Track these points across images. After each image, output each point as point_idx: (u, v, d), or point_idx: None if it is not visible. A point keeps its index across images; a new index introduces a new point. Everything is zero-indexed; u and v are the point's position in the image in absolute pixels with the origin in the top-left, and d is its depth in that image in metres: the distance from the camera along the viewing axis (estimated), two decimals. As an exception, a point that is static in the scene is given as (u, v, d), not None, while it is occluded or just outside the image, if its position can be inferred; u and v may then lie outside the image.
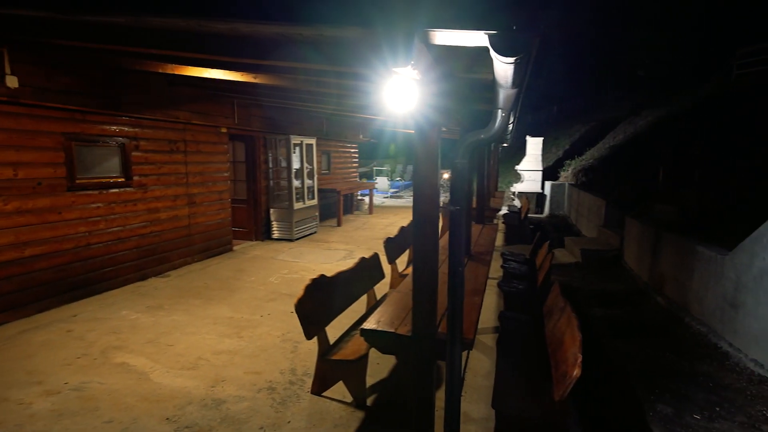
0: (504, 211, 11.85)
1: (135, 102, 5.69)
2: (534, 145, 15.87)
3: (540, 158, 15.88)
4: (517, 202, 14.89)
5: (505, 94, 2.21)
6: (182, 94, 6.49)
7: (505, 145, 13.81)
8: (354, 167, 14.84)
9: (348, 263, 4.08)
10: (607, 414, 3.43)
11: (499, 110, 2.28)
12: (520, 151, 16.63)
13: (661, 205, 7.50)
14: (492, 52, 1.56)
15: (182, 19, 1.88)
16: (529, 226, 11.58)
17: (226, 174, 7.90)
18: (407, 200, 18.02)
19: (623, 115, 17.68)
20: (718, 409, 3.42)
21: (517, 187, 15.99)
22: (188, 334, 4.43)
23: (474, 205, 6.93)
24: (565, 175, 15.52)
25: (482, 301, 3.38)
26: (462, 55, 2.03)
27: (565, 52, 27.92)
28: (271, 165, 9.35)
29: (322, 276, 3.44)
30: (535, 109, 27.65)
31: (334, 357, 3.17)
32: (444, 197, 16.55)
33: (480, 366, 3.95)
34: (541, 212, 15.08)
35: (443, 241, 5.09)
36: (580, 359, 2.43)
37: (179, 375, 3.63)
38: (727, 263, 4.49)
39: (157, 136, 6.36)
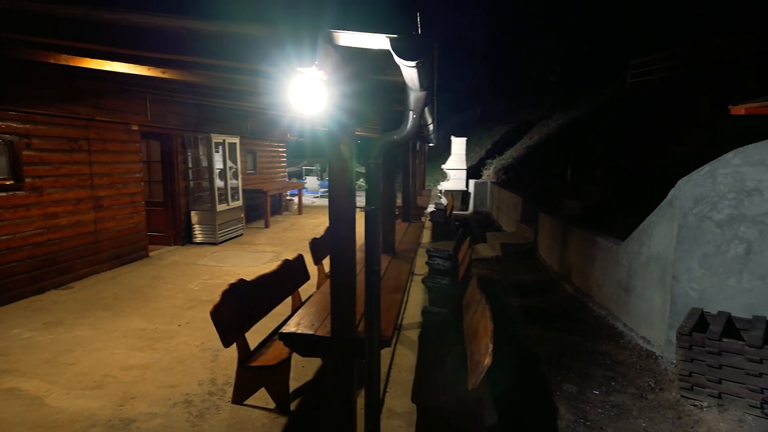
0: (431, 208, 12.23)
1: (25, 95, 5.10)
2: (458, 144, 16.53)
3: (464, 157, 16.58)
4: (443, 200, 15.43)
5: (415, 96, 2.27)
6: (85, 88, 5.92)
7: (431, 144, 14.24)
8: (282, 167, 14.49)
9: (274, 266, 3.97)
10: (520, 397, 3.68)
11: (411, 112, 2.34)
12: (446, 151, 17.26)
13: (568, 201, 8.18)
14: (394, 56, 1.60)
15: (63, 6, 1.71)
16: (455, 223, 12.05)
17: (138, 175, 7.33)
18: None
19: (538, 117, 18.99)
20: (613, 383, 3.81)
21: (444, 186, 16.58)
22: (93, 351, 4.06)
23: (399, 203, 7.07)
24: (488, 174, 16.37)
25: (404, 298, 3.46)
26: (372, 56, 2.06)
27: (487, 56, 29.44)
28: (190, 165, 8.84)
29: (241, 280, 3.32)
30: (460, 110, 28.81)
31: (255, 363, 3.08)
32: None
33: (405, 361, 4.04)
34: (467, 209, 15.77)
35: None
36: (491, 348, 2.57)
37: (81, 396, 3.31)
38: (621, 252, 5.00)
39: (54, 134, 5.74)
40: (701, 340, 3.26)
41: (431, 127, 5.55)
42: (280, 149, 14.23)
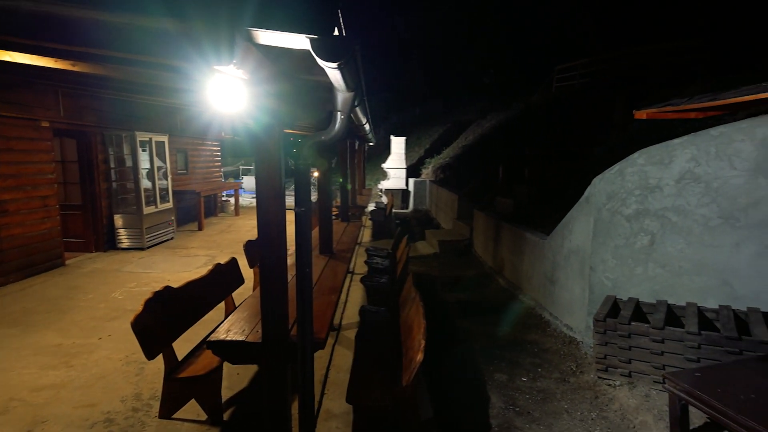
0: (371, 207, 12.31)
1: None
2: (398, 144, 16.76)
3: (404, 156, 16.85)
4: (384, 199, 15.59)
5: (342, 97, 2.27)
6: (-19, 80, 5.31)
7: (371, 144, 14.32)
8: (216, 166, 13.88)
9: (205, 271, 3.79)
10: (455, 388, 3.81)
11: (339, 112, 2.34)
12: (387, 150, 17.44)
13: (501, 199, 8.58)
14: (315, 57, 1.59)
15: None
16: (395, 222, 12.22)
17: (51, 176, 6.70)
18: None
19: (474, 117, 19.73)
20: (540, 369, 4.05)
21: (384, 185, 16.74)
22: (-4, 372, 3.66)
23: (338, 203, 7.03)
24: (426, 173, 16.75)
25: (339, 298, 3.45)
26: (299, 56, 2.02)
27: (424, 58, 30.08)
28: (113, 165, 8.21)
29: (167, 287, 3.15)
30: (400, 109, 29.24)
31: (183, 374, 2.93)
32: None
33: (344, 362, 4.03)
34: (407, 207, 16.03)
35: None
36: (423, 345, 2.64)
37: (-20, 424, 2.98)
38: (546, 246, 5.33)
39: (-57, 131, 5.09)
40: (613, 325, 3.56)
41: (367, 127, 5.58)
42: (215, 148, 13.63)
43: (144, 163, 8.43)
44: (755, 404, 2.39)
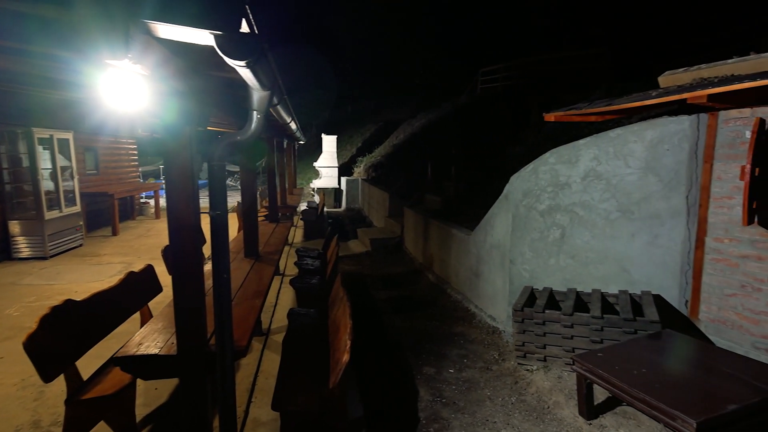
0: (303, 207, 12.10)
1: None
2: (329, 142, 16.63)
3: (335, 155, 16.75)
4: (316, 198, 15.40)
5: (258, 96, 2.20)
6: None
7: (301, 142, 14.06)
8: (132, 166, 12.88)
9: (116, 280, 3.49)
10: (385, 386, 3.86)
11: (255, 112, 2.26)
12: (319, 149, 17.22)
13: (430, 196, 8.83)
14: (220, 54, 1.52)
15: None
16: (328, 221, 12.12)
17: (-77, 178, 5.81)
18: (203, 200, 16.64)
19: (405, 117, 20.09)
20: (465, 360, 4.23)
21: (316, 184, 16.54)
22: None
23: (266, 204, 6.83)
24: (358, 171, 16.79)
25: (264, 302, 3.35)
26: (210, 51, 1.92)
27: (355, 56, 30.09)
28: (5, 165, 7.31)
29: (68, 301, 2.86)
30: (332, 107, 29.02)
31: (88, 395, 2.68)
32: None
33: (273, 367, 3.92)
34: (340, 206, 15.97)
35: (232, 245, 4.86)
36: (349, 345, 2.64)
37: None
38: (471, 241, 5.56)
39: None
40: (530, 314, 3.81)
41: (293, 125, 5.46)
42: (130, 146, 12.63)
43: (45, 163, 7.60)
44: (645, 377, 2.68)
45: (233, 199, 11.32)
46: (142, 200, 12.82)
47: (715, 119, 3.60)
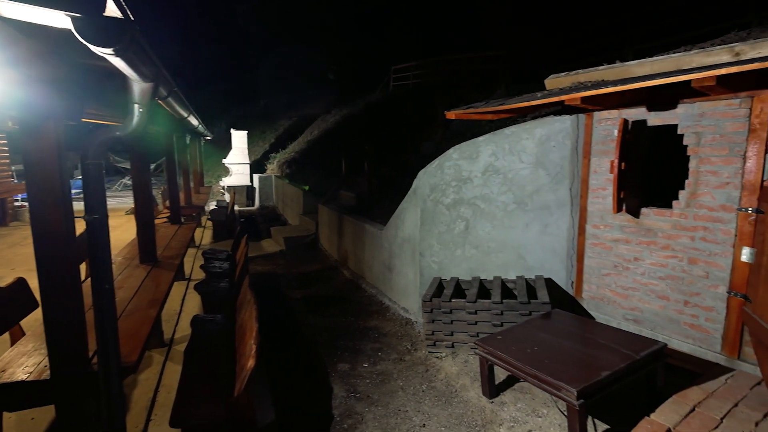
0: (212, 207, 11.43)
1: None
2: (239, 138, 15.88)
3: (246, 151, 16.05)
4: (227, 197, 14.64)
5: (139, 87, 2.01)
6: None
7: (208, 138, 13.23)
8: (3, 164, 11.14)
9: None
10: (299, 386, 3.79)
11: (136, 105, 2.06)
12: (229, 145, 16.34)
13: (344, 192, 8.82)
14: (80, 39, 1.35)
15: None
16: (240, 220, 11.59)
17: None
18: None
19: (319, 112, 19.82)
20: (380, 353, 4.30)
21: (226, 181, 15.72)
22: None
23: (166, 204, 6.33)
24: (272, 168, 16.26)
25: (160, 311, 3.10)
26: (71, 35, 1.70)
27: (267, 49, 28.98)
28: None
29: None
30: (243, 102, 27.72)
31: (-63, 436, 2.27)
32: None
33: (176, 380, 3.65)
34: (253, 205, 15.36)
35: (126, 251, 4.43)
36: (254, 350, 2.54)
37: None
38: (383, 236, 5.66)
39: None
40: (438, 303, 3.97)
41: (193, 120, 5.11)
42: (-2, 141, 10.90)
43: None
44: (536, 354, 2.93)
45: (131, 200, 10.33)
46: (16, 203, 11.18)
47: (591, 119, 4.03)
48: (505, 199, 4.48)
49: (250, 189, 15.52)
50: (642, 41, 10.35)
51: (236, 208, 14.11)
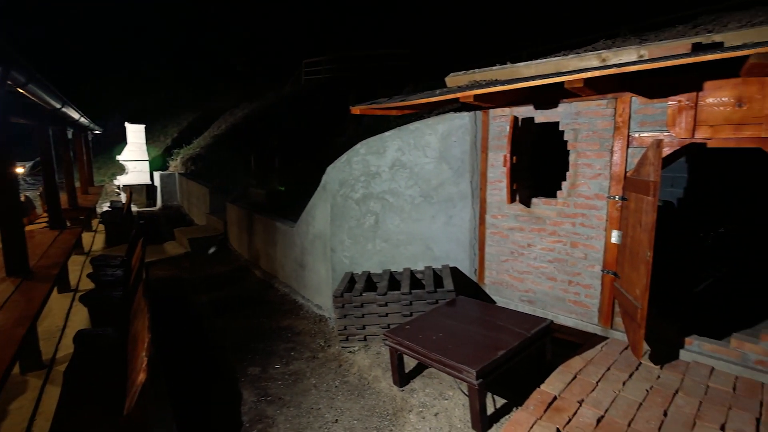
0: (105, 208, 10.31)
1: None
2: (135, 132, 14.52)
3: (145, 147, 14.73)
4: (123, 197, 13.32)
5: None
6: None
7: (97, 132, 11.89)
8: None
9: None
10: (205, 396, 3.58)
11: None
12: (125, 140, 14.82)
13: (254, 189, 8.48)
14: None
15: None
16: (139, 222, 10.62)
17: None
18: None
19: (226, 106, 18.78)
20: (292, 353, 4.22)
21: (122, 180, 14.31)
22: None
23: (44, 208, 5.58)
24: (175, 165, 15.11)
25: (29, 329, 2.73)
26: None
27: (168, 38, 26.74)
28: None
29: None
30: (141, 93, 25.35)
31: None
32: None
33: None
34: (154, 204, 14.16)
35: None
36: (145, 363, 2.34)
37: None
38: (295, 233, 5.55)
39: None
40: (349, 298, 3.99)
41: (72, 113, 4.55)
42: None
43: None
44: (441, 341, 3.07)
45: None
46: None
47: (487, 116, 4.30)
48: (412, 192, 4.62)
49: (150, 187, 14.28)
50: (538, 43, 11.30)
51: (134, 208, 12.91)
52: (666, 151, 3.16)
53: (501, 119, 4.16)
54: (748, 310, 3.70)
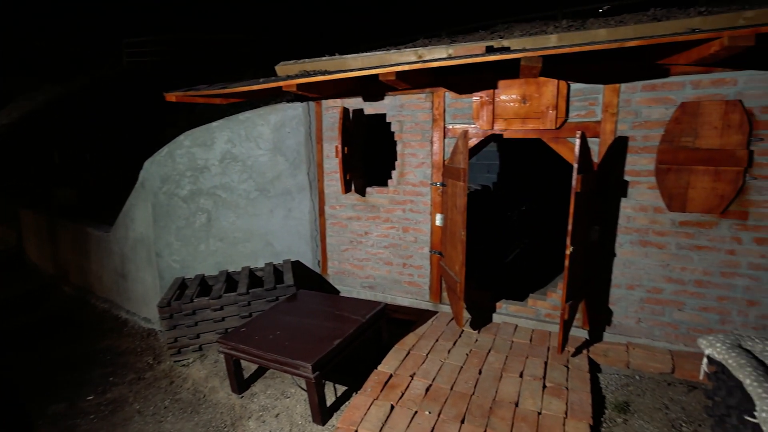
0: None
1: None
2: None
3: None
4: None
5: None
6: None
7: None
8: None
9: None
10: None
11: None
12: None
13: (62, 190, 7.08)
14: None
15: None
16: None
17: None
18: None
19: (21, 89, 15.26)
20: (111, 378, 3.64)
21: None
22: None
23: None
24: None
25: None
26: None
27: None
28: None
29: None
30: None
31: None
32: None
33: None
34: None
35: None
36: None
37: None
38: (112, 239, 4.78)
39: None
40: (178, 307, 3.59)
41: None
42: None
43: None
44: (279, 339, 2.97)
45: None
46: None
47: (320, 107, 4.28)
48: (246, 186, 4.36)
49: None
50: (372, 39, 11.76)
51: None
52: (473, 141, 3.55)
53: (333, 110, 4.18)
54: (541, 273, 4.45)
